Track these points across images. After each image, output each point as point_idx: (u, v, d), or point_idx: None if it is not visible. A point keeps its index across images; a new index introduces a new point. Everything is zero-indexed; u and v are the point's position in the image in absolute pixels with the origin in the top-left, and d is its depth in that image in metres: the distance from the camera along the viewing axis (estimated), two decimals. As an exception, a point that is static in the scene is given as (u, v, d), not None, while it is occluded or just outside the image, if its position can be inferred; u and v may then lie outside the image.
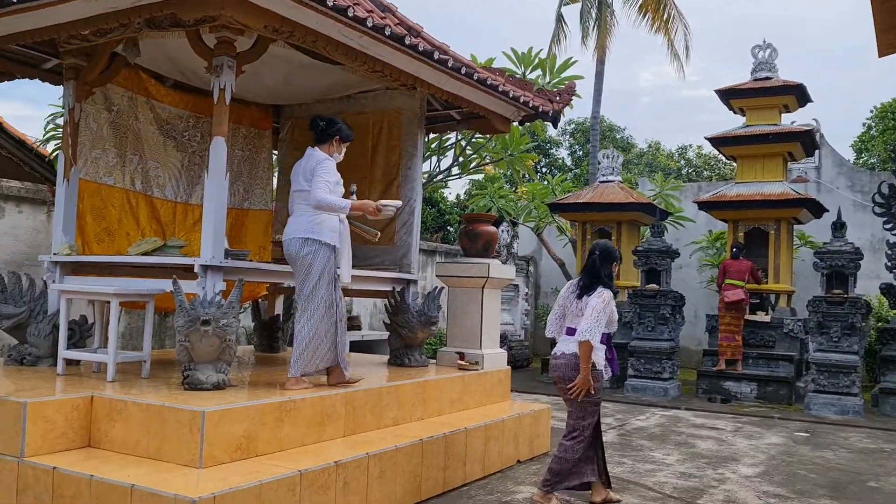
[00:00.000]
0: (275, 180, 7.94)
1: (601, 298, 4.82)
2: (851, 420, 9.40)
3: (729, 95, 12.37)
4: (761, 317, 11.51)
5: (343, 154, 5.18)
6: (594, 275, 4.96)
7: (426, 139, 9.83)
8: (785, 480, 6.05)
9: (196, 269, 4.82)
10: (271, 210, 7.56)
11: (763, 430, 8.48)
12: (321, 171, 4.86)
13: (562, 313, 5.09)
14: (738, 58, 64.39)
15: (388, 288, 6.53)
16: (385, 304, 6.61)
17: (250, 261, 5.25)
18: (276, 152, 7.84)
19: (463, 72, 5.81)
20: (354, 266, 6.41)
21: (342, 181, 5.06)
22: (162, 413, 4.12)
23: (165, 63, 6.16)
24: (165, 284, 4.88)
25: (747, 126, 12.27)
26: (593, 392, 4.83)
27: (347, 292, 8.54)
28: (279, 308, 7.51)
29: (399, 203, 5.39)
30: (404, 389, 5.58)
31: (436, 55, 5.49)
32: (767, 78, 12.23)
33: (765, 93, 12.04)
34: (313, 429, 4.73)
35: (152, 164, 6.35)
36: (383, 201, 5.18)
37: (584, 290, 4.92)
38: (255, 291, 7.25)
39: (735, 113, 12.75)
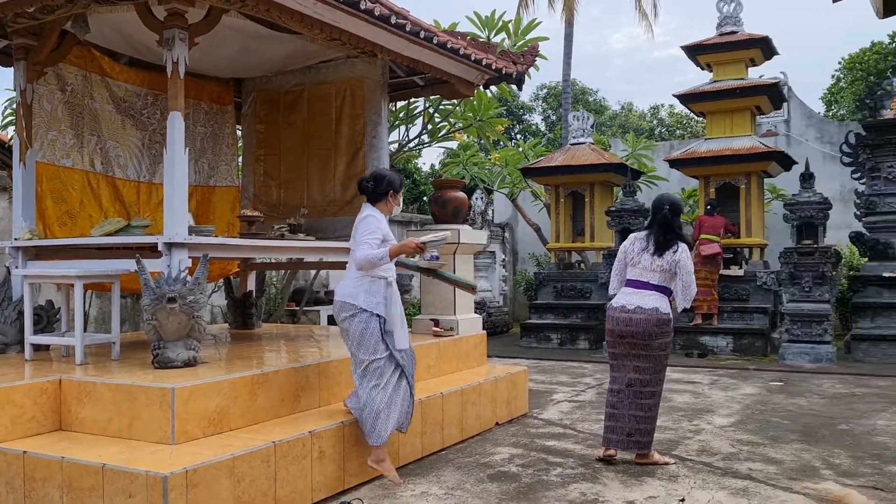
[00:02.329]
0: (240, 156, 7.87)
1: (688, 257, 4.94)
2: (825, 367, 9.57)
3: (695, 52, 12.37)
4: (735, 271, 11.65)
5: (400, 204, 4.77)
6: (669, 230, 4.97)
7: (393, 107, 9.76)
8: (758, 428, 6.15)
9: (160, 247, 4.77)
10: (238, 186, 7.48)
11: (739, 382, 8.60)
12: (363, 228, 4.51)
13: (623, 267, 5.13)
14: (709, 16, 64.28)
15: (360, 258, 6.49)
16: (357, 275, 6.58)
17: (215, 236, 5.19)
18: (239, 127, 7.74)
19: (422, 36, 5.74)
20: (323, 238, 6.41)
21: (385, 234, 4.53)
22: (132, 392, 4.10)
23: (118, 39, 6.03)
24: (130, 265, 4.81)
25: (715, 81, 12.29)
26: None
27: (316, 265, 8.53)
28: (252, 285, 7.47)
29: (446, 234, 4.73)
30: (378, 358, 5.58)
31: (393, 20, 5.41)
32: (733, 32, 12.24)
33: (730, 47, 12.05)
34: (288, 401, 4.73)
35: (111, 144, 6.24)
36: (425, 238, 4.54)
37: (663, 246, 4.94)
38: (226, 269, 7.20)
39: (703, 69, 12.76)
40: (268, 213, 7.02)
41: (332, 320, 11.43)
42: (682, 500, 4.31)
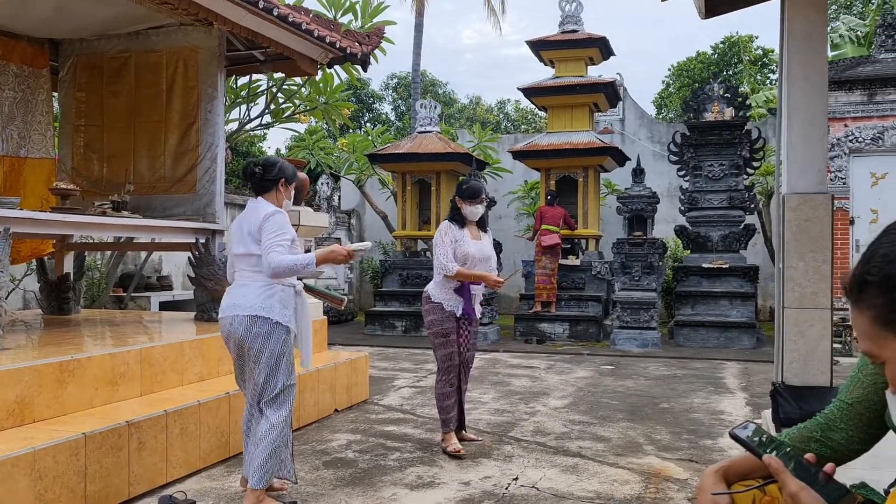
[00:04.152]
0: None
1: (437, 236, 5.02)
2: (651, 352, 10.17)
3: (539, 47, 12.74)
4: (572, 261, 12.12)
5: (291, 199, 4.04)
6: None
7: (234, 84, 9.32)
8: (589, 409, 6.40)
9: (-49, 220, 4.23)
10: (54, 158, 6.82)
11: (573, 366, 8.95)
12: (272, 229, 3.68)
13: None
14: (556, 18, 66.81)
15: (192, 239, 6.12)
16: (189, 258, 6.21)
17: (21, 209, 4.68)
18: (56, 94, 7.06)
19: (261, 6, 5.47)
20: (151, 217, 5.98)
21: (294, 235, 3.82)
22: None
23: None
24: (-85, 239, 4.24)
25: (556, 77, 12.72)
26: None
27: (147, 246, 7.98)
28: (69, 266, 6.84)
29: (368, 244, 4.09)
30: (209, 343, 5.28)
31: (230, -15, 5.12)
32: (574, 31, 12.71)
33: (571, 45, 12.51)
34: (104, 389, 4.35)
35: None
36: (353, 245, 3.89)
37: None
38: (39, 248, 6.56)
39: (547, 65, 13.16)
40: (89, 188, 6.46)
41: (164, 306, 10.78)
42: (516, 478, 4.38)
